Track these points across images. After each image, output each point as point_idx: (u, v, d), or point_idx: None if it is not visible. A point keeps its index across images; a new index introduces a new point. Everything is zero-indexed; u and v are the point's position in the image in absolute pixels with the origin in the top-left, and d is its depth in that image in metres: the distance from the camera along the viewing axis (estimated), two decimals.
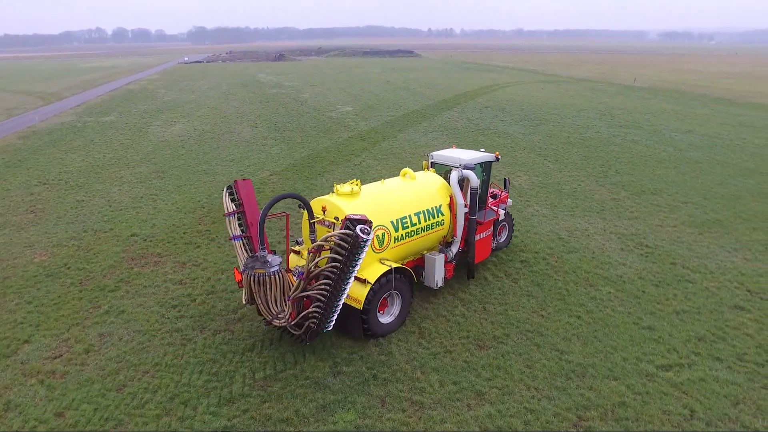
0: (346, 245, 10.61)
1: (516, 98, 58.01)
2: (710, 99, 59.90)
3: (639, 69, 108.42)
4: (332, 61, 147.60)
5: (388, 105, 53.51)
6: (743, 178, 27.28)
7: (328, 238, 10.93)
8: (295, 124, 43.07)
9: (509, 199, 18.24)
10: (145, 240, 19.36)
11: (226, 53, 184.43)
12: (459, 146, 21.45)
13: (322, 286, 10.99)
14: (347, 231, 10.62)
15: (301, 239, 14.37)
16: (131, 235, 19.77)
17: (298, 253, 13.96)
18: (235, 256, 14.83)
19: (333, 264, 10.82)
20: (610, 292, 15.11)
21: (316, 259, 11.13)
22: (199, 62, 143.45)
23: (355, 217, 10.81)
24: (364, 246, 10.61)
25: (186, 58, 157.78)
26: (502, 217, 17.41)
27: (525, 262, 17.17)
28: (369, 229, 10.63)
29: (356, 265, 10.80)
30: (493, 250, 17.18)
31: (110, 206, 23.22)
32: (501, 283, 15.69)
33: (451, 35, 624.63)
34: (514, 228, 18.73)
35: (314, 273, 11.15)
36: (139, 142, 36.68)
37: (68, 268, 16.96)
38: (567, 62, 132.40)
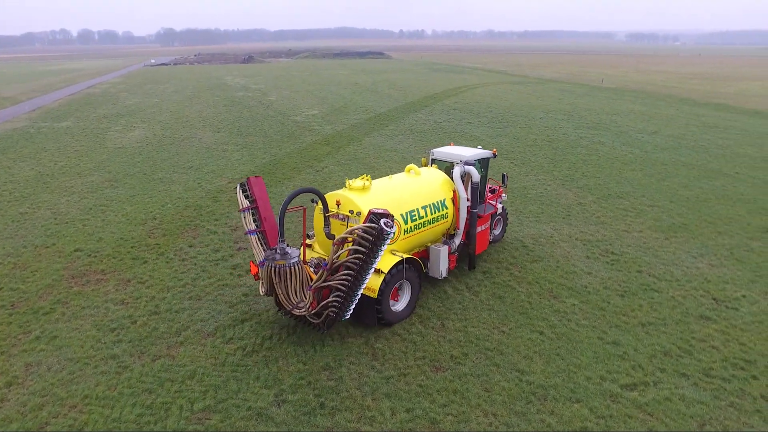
0: (370, 237, 11.15)
1: (484, 100, 57.73)
2: (676, 99, 60.48)
3: (607, 70, 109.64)
4: (301, 63, 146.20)
5: (355, 108, 52.69)
6: (708, 180, 27.15)
7: (353, 231, 11.39)
8: (259, 129, 41.98)
9: (504, 194, 18.87)
10: (90, 256, 18.21)
11: (194, 55, 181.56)
12: (424, 149, 20.84)
13: (344, 277, 11.46)
14: (372, 224, 11.14)
15: (312, 233, 14.80)
16: (75, 251, 18.59)
17: (310, 246, 14.47)
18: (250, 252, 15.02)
19: (356, 255, 11.31)
20: (574, 304, 14.55)
21: (339, 252, 11.57)
22: (166, 65, 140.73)
23: (379, 211, 11.40)
24: (387, 238, 11.14)
25: (153, 61, 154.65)
26: (500, 210, 18.26)
27: (487, 273, 16.53)
28: (392, 222, 11.17)
29: (378, 256, 11.37)
30: (489, 243, 17.82)
31: (56, 219, 21.94)
32: (461, 297, 15.01)
33: (422, 36, 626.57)
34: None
35: (337, 264, 11.58)
36: (94, 149, 35.20)
37: (0, 288, 15.75)
38: (536, 63, 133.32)
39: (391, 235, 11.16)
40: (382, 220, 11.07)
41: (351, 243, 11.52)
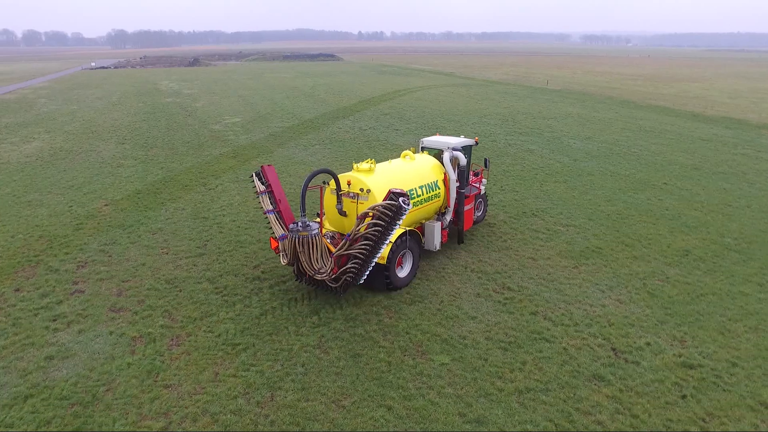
0: (390, 213, 12.86)
1: (420, 104, 55.35)
2: (616, 102, 59.31)
3: (555, 71, 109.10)
4: (248, 66, 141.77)
5: (282, 114, 49.59)
6: (634, 193, 25.11)
7: (375, 207, 13.04)
8: (169, 140, 38.49)
9: (485, 179, 20.87)
10: None
11: (140, 58, 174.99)
12: (339, 161, 18.47)
13: (363, 246, 13.01)
14: (392, 202, 12.82)
15: (322, 211, 15.86)
16: None
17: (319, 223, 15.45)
18: (270, 228, 15.51)
19: (375, 228, 12.90)
20: (444, 364, 11.91)
21: (361, 225, 13.09)
22: (106, 68, 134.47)
23: (397, 191, 13.19)
24: (404, 214, 12.98)
25: (93, 64, 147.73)
26: (483, 191, 20.28)
27: (352, 320, 13.75)
28: (408, 200, 13.02)
29: (394, 229, 13.24)
30: (474, 222, 19.92)
31: None
32: (308, 356, 12.19)
33: (381, 38, 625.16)
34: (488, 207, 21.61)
35: (358, 236, 13.03)
36: None
37: None
38: (486, 64, 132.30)
39: (407, 212, 13.02)
40: (401, 198, 12.86)
41: (371, 218, 13.03)
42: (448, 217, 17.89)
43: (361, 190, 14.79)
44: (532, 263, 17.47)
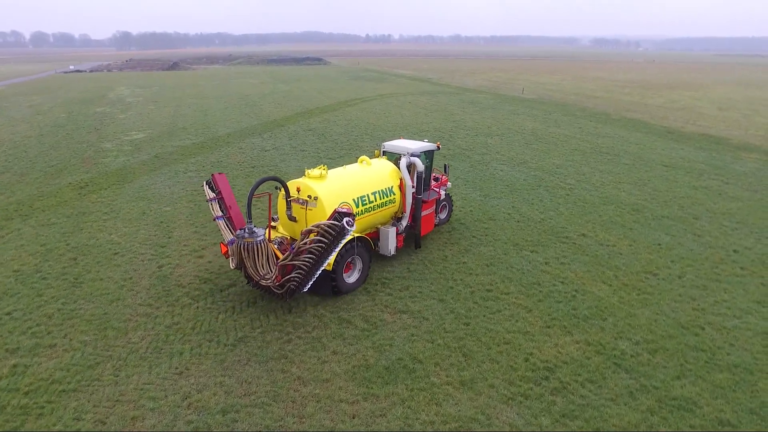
0: (333, 233, 12.99)
1: (360, 117, 49.20)
2: (588, 113, 52.74)
3: (545, 77, 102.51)
4: (226, 70, 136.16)
5: (195, 129, 43.71)
6: (531, 251, 18.76)
7: (319, 225, 13.14)
8: (37, 161, 32.79)
9: (449, 182, 20.92)
10: None
11: (126, 61, 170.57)
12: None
13: (307, 259, 13.19)
14: (335, 222, 12.96)
15: (277, 216, 16.58)
16: None
17: (275, 227, 16.36)
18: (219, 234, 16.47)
19: (319, 244, 13.05)
20: None
21: (305, 239, 13.19)
22: (81, 71, 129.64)
23: (343, 210, 13.40)
24: (347, 235, 13.08)
25: (71, 67, 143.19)
26: (443, 196, 20.04)
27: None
28: (353, 221, 13.08)
29: (337, 248, 13.35)
30: (435, 225, 19.81)
31: None
32: None
33: (389, 41, 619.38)
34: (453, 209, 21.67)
35: (302, 249, 13.16)
36: None
37: None
38: (475, 69, 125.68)
39: (350, 233, 13.02)
40: (345, 219, 12.91)
41: (316, 234, 13.08)
42: (405, 223, 17.79)
43: (309, 197, 14.97)
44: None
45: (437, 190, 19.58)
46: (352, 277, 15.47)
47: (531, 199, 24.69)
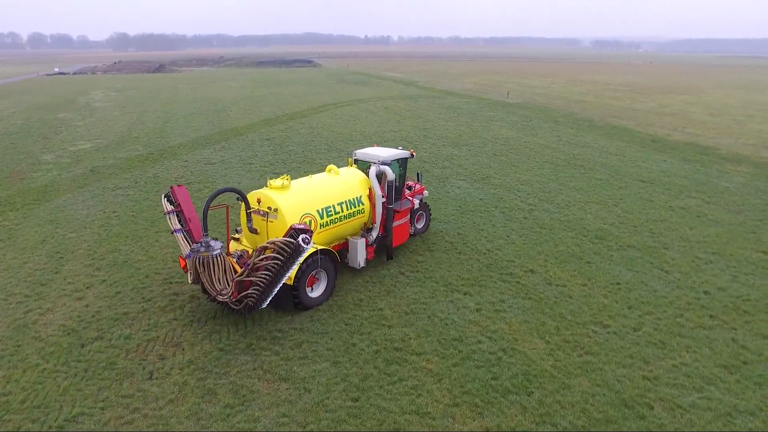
0: (288, 250, 12.22)
1: (331, 123, 46.59)
2: (571, 120, 49.87)
3: (537, 79, 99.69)
4: (213, 72, 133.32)
5: (152, 137, 41.19)
6: (461, 294, 15.80)
7: (274, 242, 12.36)
8: None
9: (425, 191, 20.31)
10: None
11: (114, 63, 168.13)
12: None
13: (263, 275, 12.49)
14: (290, 240, 12.17)
15: (240, 227, 15.86)
16: None
17: (237, 240, 15.76)
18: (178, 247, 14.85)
19: (275, 261, 12.34)
20: None
21: (261, 256, 12.47)
22: (64, 74, 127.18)
23: (299, 226, 12.54)
24: (303, 252, 12.34)
25: (56, 69, 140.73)
26: (417, 206, 19.16)
27: None
28: (309, 238, 12.26)
29: (294, 265, 12.63)
30: (411, 235, 19.23)
31: None
32: None
33: (388, 42, 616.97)
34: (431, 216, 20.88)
35: (258, 266, 12.50)
36: None
37: None
38: (466, 72, 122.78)
39: (306, 251, 12.31)
40: (300, 236, 12.11)
41: (271, 251, 12.41)
42: (375, 234, 17.14)
43: (269, 208, 14.52)
44: None
45: (411, 199, 18.80)
46: (316, 292, 14.84)
47: (482, 224, 21.79)
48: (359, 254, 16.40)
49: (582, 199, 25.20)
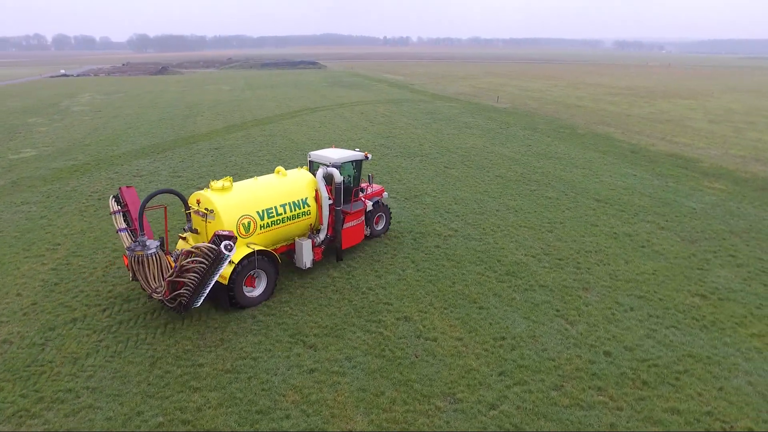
0: (212, 256, 12.46)
1: (294, 130, 44.30)
2: (553, 127, 46.73)
3: (540, 82, 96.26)
4: (212, 74, 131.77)
5: (102, 145, 39.57)
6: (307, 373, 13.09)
7: (199, 247, 12.63)
8: None
9: (385, 192, 20.61)
10: None
11: (122, 64, 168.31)
12: None
13: (192, 277, 12.79)
14: (212, 246, 12.41)
15: (188, 227, 15.82)
16: None
17: (185, 239, 15.89)
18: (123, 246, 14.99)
19: (201, 265, 12.62)
20: None
21: (187, 259, 12.72)
22: (68, 76, 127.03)
23: (223, 233, 12.59)
24: (226, 259, 12.57)
25: (62, 71, 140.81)
26: (369, 207, 19.01)
27: None
28: (232, 245, 12.47)
29: (219, 270, 12.84)
30: (367, 236, 19.36)
31: None
32: None
33: (407, 43, 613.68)
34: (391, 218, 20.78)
35: (185, 269, 12.79)
36: None
37: None
38: (467, 74, 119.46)
39: (230, 257, 12.53)
40: (223, 243, 12.31)
41: (196, 255, 12.68)
42: (323, 235, 17.15)
43: (207, 209, 14.62)
44: None
45: (364, 201, 18.82)
46: (255, 291, 14.94)
47: (381, 253, 19.05)
48: (305, 255, 16.52)
49: (515, 223, 22.28)
